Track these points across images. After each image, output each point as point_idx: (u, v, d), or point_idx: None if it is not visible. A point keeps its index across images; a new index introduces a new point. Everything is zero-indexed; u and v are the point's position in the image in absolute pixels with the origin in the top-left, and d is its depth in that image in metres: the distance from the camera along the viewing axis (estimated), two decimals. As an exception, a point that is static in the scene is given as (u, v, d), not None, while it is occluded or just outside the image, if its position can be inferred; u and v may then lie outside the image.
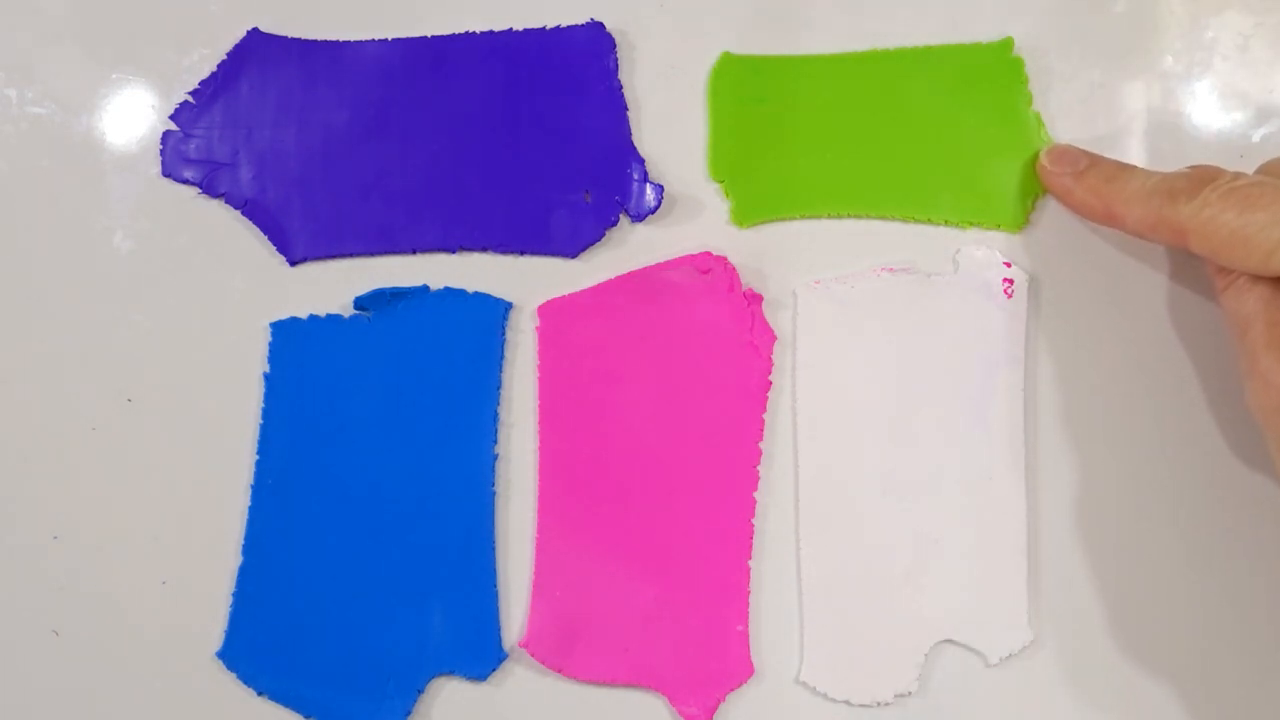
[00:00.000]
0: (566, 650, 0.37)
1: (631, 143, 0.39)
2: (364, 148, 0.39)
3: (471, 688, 0.37)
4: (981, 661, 0.37)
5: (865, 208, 0.38)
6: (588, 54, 0.39)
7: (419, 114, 0.39)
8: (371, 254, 0.39)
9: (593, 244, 0.38)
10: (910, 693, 0.37)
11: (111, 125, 0.40)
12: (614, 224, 0.38)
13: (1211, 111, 0.39)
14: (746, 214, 0.39)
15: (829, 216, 0.39)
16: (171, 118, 0.39)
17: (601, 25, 0.39)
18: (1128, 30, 0.39)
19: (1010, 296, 0.38)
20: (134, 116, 0.40)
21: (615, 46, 0.39)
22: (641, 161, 0.38)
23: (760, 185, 0.39)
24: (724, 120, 0.39)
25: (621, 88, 0.39)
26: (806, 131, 0.39)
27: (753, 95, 0.39)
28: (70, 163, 0.40)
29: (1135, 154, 0.39)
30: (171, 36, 0.40)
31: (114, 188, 0.39)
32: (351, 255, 0.39)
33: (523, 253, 0.38)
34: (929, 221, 0.38)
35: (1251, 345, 0.33)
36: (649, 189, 0.38)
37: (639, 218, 0.38)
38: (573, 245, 0.38)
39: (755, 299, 0.38)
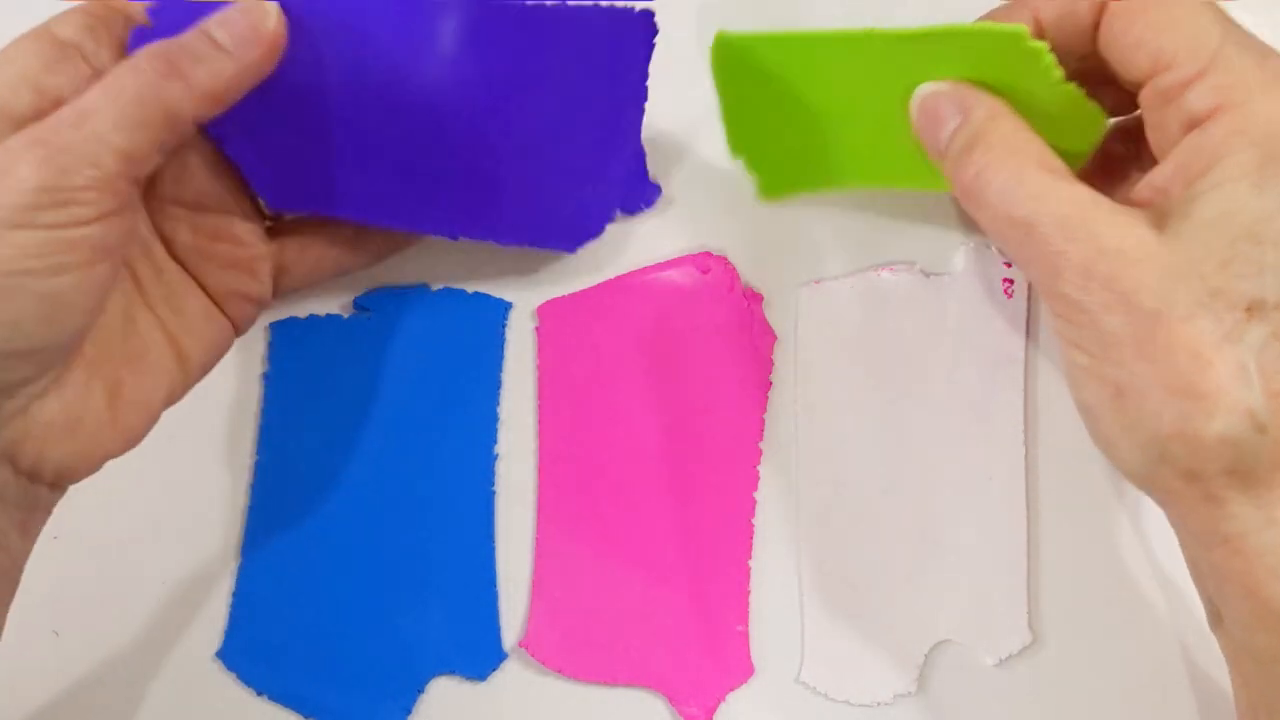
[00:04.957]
0: (566, 650, 0.37)
1: (640, 139, 0.37)
2: (370, 106, 0.34)
3: (471, 687, 0.37)
4: (981, 661, 0.37)
5: (894, 178, 0.36)
6: (626, 42, 0.35)
7: (435, 81, 0.33)
8: (360, 220, 0.35)
9: (592, 239, 0.38)
10: (910, 693, 0.37)
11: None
12: (612, 220, 0.38)
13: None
14: (772, 188, 0.37)
15: (857, 188, 0.37)
16: (151, 12, 0.31)
17: (651, 15, 0.34)
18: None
19: (1010, 297, 0.38)
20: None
21: (656, 36, 0.34)
22: (644, 157, 0.38)
23: (784, 159, 0.37)
24: (734, 98, 0.36)
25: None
26: (826, 105, 0.35)
27: (760, 72, 0.35)
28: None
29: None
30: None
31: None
32: (338, 217, 0.35)
33: (522, 245, 0.37)
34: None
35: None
36: (647, 187, 0.38)
37: (633, 211, 0.38)
38: (572, 240, 0.38)
39: (755, 299, 0.38)
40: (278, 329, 0.38)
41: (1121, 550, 0.37)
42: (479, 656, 0.37)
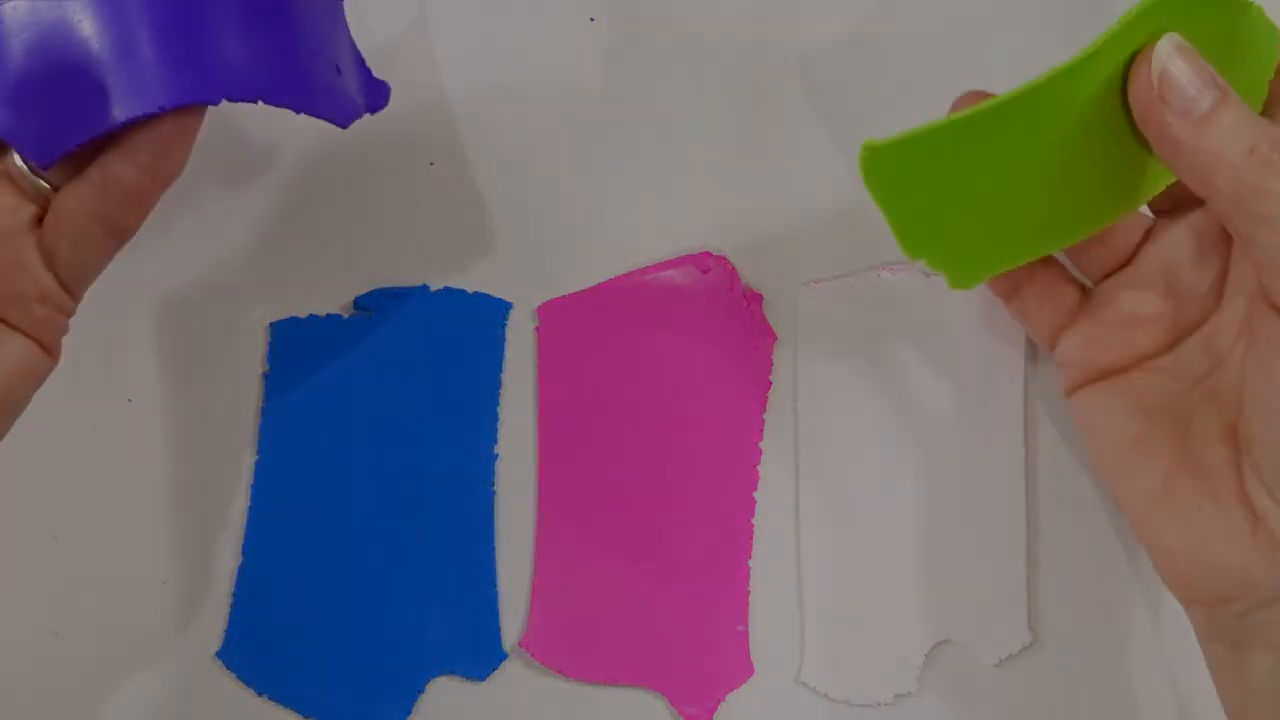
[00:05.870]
0: (566, 650, 0.37)
1: (347, 30, 0.34)
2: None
3: (471, 687, 0.37)
4: (981, 661, 0.37)
5: (1089, 223, 0.32)
6: None
7: None
8: (118, 124, 0.29)
9: (357, 117, 0.33)
10: (910, 693, 0.37)
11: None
12: (358, 109, 0.33)
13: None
14: (965, 277, 0.33)
15: (1051, 250, 0.33)
16: None
17: None
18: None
19: None
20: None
21: None
22: (359, 54, 0.34)
23: (968, 246, 0.32)
24: (897, 203, 0.31)
25: None
26: (1003, 177, 0.30)
27: (920, 168, 0.30)
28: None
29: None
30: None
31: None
32: (100, 132, 0.29)
33: (294, 108, 0.31)
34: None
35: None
36: (376, 83, 0.34)
37: (373, 109, 0.34)
38: (342, 112, 0.32)
39: (755, 299, 0.38)
40: (277, 329, 0.38)
41: (1121, 550, 0.37)
42: (479, 656, 0.37)
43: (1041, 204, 0.31)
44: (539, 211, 0.39)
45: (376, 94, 0.34)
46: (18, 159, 0.29)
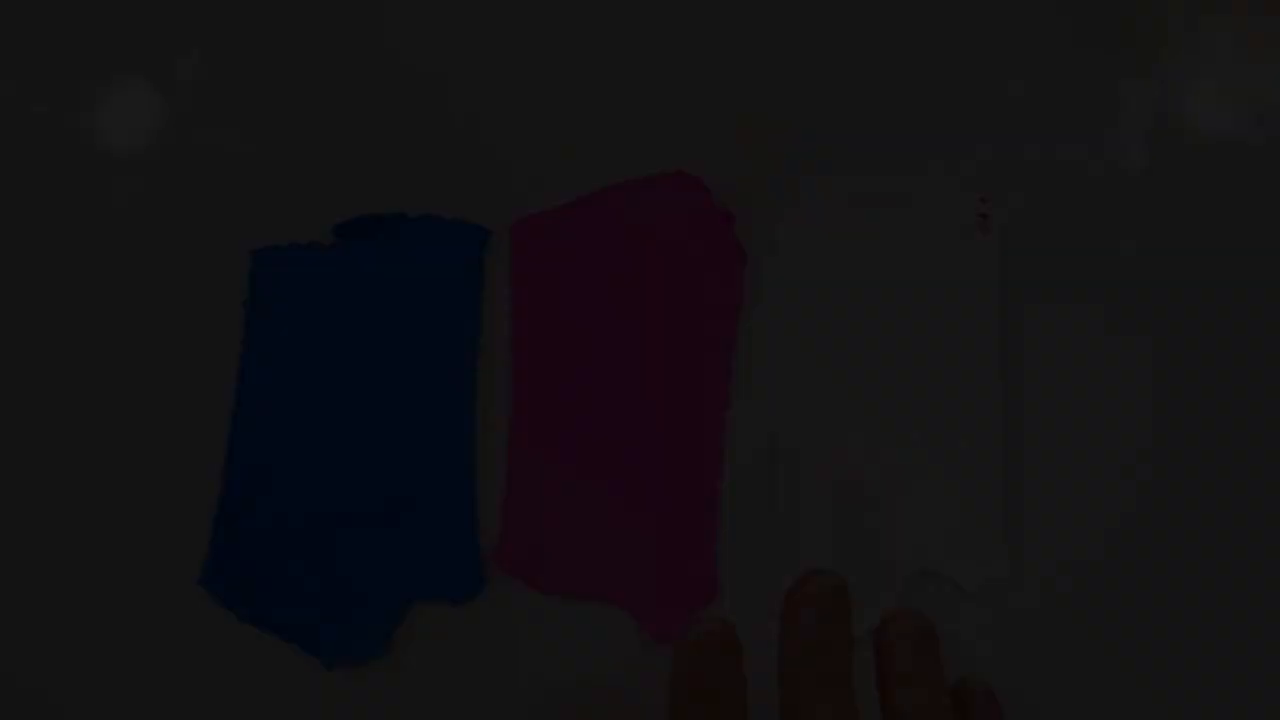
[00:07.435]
0: (535, 562, 0.37)
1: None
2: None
3: (450, 610, 0.37)
4: (960, 594, 0.36)
5: None
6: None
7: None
8: None
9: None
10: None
11: (111, 125, 0.40)
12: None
13: (1211, 111, 0.39)
14: None
15: None
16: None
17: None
18: (1128, 30, 0.39)
19: (988, 235, 0.38)
20: (134, 116, 0.40)
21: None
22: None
23: None
24: None
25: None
26: None
27: None
28: (70, 163, 0.40)
29: (1136, 154, 0.39)
30: (171, 36, 0.41)
31: (114, 188, 0.40)
32: None
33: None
34: None
35: None
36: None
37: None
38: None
39: (728, 218, 0.38)
40: (259, 257, 0.39)
41: (1107, 502, 0.37)
42: (458, 579, 0.37)
43: None
44: (517, 133, 0.39)
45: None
46: None
